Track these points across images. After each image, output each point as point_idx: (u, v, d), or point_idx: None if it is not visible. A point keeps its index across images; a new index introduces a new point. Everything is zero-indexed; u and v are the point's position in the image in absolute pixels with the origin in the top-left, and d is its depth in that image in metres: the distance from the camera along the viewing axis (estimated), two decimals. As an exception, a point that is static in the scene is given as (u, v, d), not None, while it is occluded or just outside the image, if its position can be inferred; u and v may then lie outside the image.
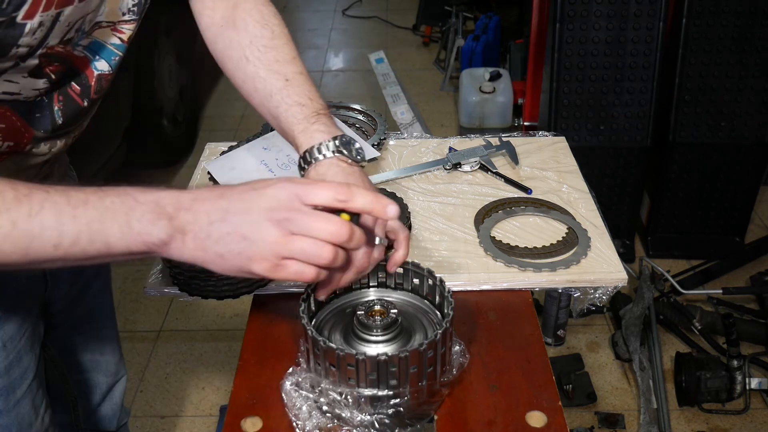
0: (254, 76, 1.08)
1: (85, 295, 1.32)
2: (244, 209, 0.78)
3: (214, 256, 0.78)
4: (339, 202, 0.79)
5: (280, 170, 1.38)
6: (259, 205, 0.78)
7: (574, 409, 2.19)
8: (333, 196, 0.78)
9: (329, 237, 0.77)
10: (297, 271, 0.78)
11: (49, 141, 0.99)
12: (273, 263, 0.78)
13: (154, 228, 0.77)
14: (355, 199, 0.79)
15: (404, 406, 0.88)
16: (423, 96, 4.13)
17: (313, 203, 0.78)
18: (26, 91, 0.90)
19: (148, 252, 0.79)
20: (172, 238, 0.77)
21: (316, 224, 0.77)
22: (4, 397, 1.07)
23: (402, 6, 5.45)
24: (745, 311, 2.47)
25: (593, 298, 1.16)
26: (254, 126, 3.56)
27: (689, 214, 2.78)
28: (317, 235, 0.77)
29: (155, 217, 0.77)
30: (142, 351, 2.47)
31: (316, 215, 0.78)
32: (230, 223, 0.77)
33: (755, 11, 2.41)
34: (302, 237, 0.77)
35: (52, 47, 0.87)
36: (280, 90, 1.05)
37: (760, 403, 2.20)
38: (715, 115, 2.57)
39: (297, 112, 1.04)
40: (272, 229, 0.77)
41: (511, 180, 1.38)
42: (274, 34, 1.09)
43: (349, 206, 0.79)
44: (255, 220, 0.77)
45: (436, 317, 0.99)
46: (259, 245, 0.77)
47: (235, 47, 1.09)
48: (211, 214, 0.78)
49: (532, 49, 3.09)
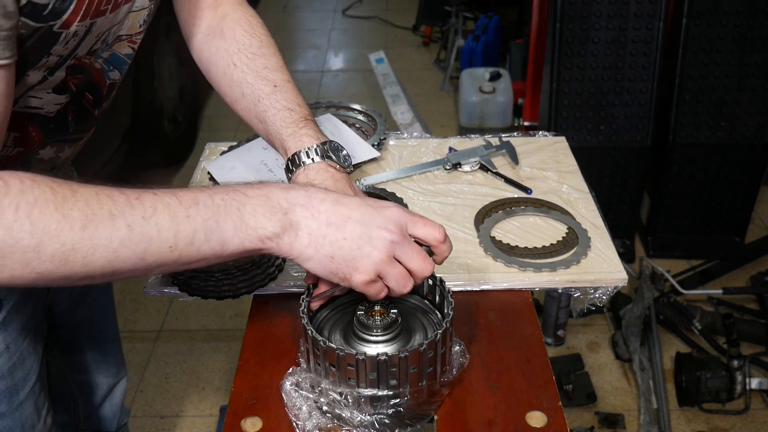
0: (242, 81, 1.09)
1: (87, 295, 1.32)
2: (363, 221, 0.82)
3: (324, 256, 0.81)
4: (437, 241, 0.85)
5: (280, 170, 1.38)
6: (377, 222, 0.82)
7: (574, 409, 2.19)
8: (434, 235, 0.85)
9: (419, 271, 0.85)
10: (380, 291, 0.85)
11: (55, 145, 0.99)
12: (371, 278, 0.83)
13: (269, 222, 0.79)
14: (446, 244, 0.87)
15: (404, 406, 0.88)
16: (423, 96, 4.13)
17: (416, 235, 0.85)
18: (48, 106, 0.91)
19: (261, 248, 0.81)
20: (285, 232, 0.80)
21: (416, 256, 0.84)
22: (8, 399, 1.07)
23: (402, 6, 5.45)
24: (745, 311, 2.47)
25: (593, 298, 1.16)
26: (254, 126, 3.49)
27: (689, 214, 2.78)
28: (411, 266, 0.84)
29: (268, 210, 0.79)
30: (142, 351, 2.47)
31: (419, 250, 0.85)
32: (348, 231, 0.81)
33: (755, 11, 2.41)
34: (398, 264, 0.83)
35: (80, 58, 0.88)
36: (268, 95, 1.08)
37: (761, 404, 2.20)
38: (715, 115, 2.57)
39: (286, 117, 1.06)
40: (384, 248, 0.82)
41: (511, 180, 1.38)
42: (263, 44, 1.12)
43: (439, 249, 0.87)
44: (372, 236, 0.81)
45: (436, 317, 0.99)
46: (367, 259, 0.81)
47: (222, 54, 1.11)
48: (331, 217, 0.81)
49: (532, 49, 3.09)
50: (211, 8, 1.14)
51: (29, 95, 0.88)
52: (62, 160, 1.04)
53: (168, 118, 3.33)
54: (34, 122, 0.92)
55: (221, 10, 1.14)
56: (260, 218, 0.78)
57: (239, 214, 0.78)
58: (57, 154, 1.00)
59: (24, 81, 0.84)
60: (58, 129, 0.96)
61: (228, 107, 1.17)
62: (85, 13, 0.82)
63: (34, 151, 0.96)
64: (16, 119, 0.89)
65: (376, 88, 3.59)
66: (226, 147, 1.50)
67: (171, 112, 3.38)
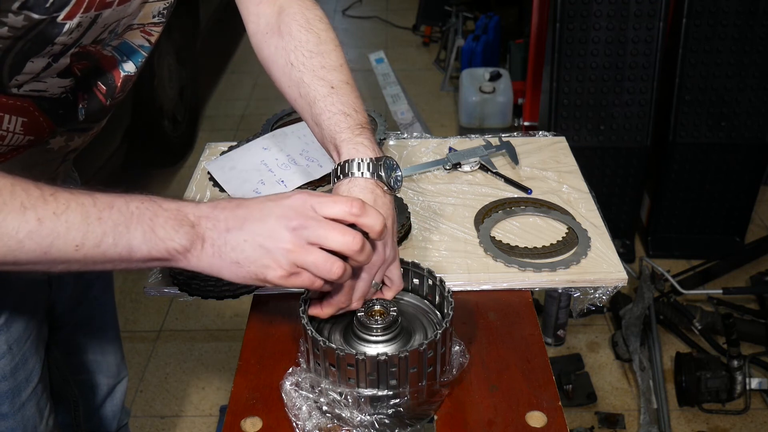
0: (299, 81, 1.05)
1: (88, 295, 1.32)
2: (261, 217, 0.79)
3: (230, 263, 0.80)
4: (352, 216, 0.80)
5: (280, 170, 1.38)
6: (275, 213, 0.79)
7: (574, 409, 2.19)
8: (347, 210, 0.80)
9: (342, 246, 0.79)
10: (308, 280, 0.80)
11: (65, 134, 0.99)
12: (287, 271, 0.79)
13: (177, 234, 0.78)
14: (367, 216, 0.81)
15: (404, 406, 0.88)
16: (423, 96, 4.13)
17: (327, 215, 0.80)
18: (52, 89, 0.91)
19: (169, 259, 0.80)
20: (193, 246, 0.79)
21: (330, 233, 0.79)
22: (10, 400, 1.07)
23: (402, 6, 5.45)
24: (745, 311, 2.47)
25: (593, 298, 1.16)
26: (254, 126, 3.55)
27: (689, 214, 2.78)
28: (331, 244, 0.79)
29: (178, 223, 0.78)
30: (142, 351, 2.47)
31: (331, 224, 0.79)
32: (247, 231, 0.79)
33: (755, 11, 2.41)
34: (316, 249, 0.79)
35: (85, 47, 0.88)
36: (324, 97, 1.02)
37: (761, 404, 2.20)
38: (715, 115, 2.57)
39: (341, 121, 1.00)
40: (288, 236, 0.78)
41: (511, 180, 1.38)
42: (320, 40, 1.07)
43: (361, 221, 0.81)
44: (272, 228, 0.79)
45: (436, 317, 0.99)
46: (274, 253, 0.79)
47: (281, 53, 1.07)
48: (229, 222, 0.79)
49: (532, 49, 3.09)
50: (267, 3, 1.10)
51: (34, 80, 0.88)
52: (71, 150, 1.03)
53: (168, 118, 3.33)
54: (42, 107, 0.92)
55: (278, 4, 1.10)
56: (170, 230, 0.78)
57: (151, 225, 0.78)
58: (67, 143, 1.00)
59: (29, 68, 0.84)
60: (68, 116, 0.96)
61: (228, 107, 1.16)
62: (89, 5, 0.82)
63: (45, 140, 0.96)
64: (22, 104, 0.89)
65: (376, 88, 3.59)
66: (226, 147, 1.50)
67: (171, 111, 3.37)
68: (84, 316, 1.33)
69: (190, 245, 0.79)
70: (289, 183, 1.36)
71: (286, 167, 1.38)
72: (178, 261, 0.80)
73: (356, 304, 0.94)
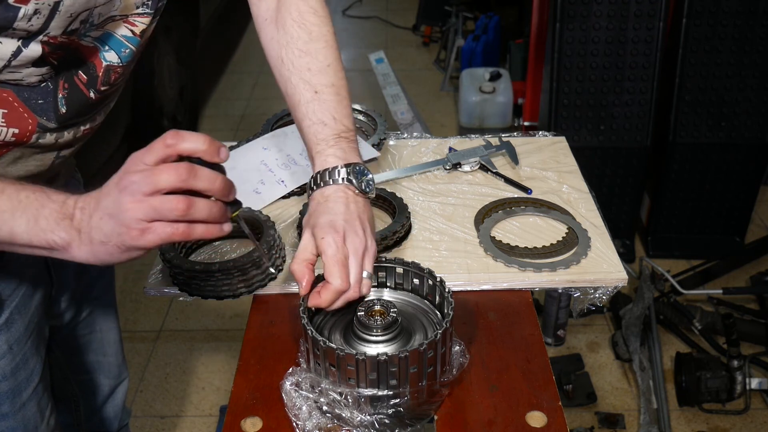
0: (287, 81, 1.08)
1: (89, 296, 1.32)
2: (107, 192, 0.81)
3: (99, 245, 0.81)
4: (169, 148, 0.79)
5: (280, 170, 1.38)
6: (114, 182, 0.80)
7: (574, 409, 2.19)
8: (162, 146, 0.79)
9: (174, 182, 0.78)
10: (165, 231, 0.79)
11: (55, 132, 0.98)
12: (140, 229, 0.79)
13: (57, 227, 0.80)
14: (185, 141, 0.79)
15: (404, 406, 0.88)
16: (423, 96, 4.13)
17: (150, 162, 0.79)
18: (29, 77, 0.91)
19: (51, 249, 0.82)
20: (72, 239, 0.81)
21: (156, 176, 0.78)
22: (11, 399, 1.07)
23: (402, 6, 5.45)
24: (745, 311, 2.47)
25: (593, 298, 1.16)
26: (254, 126, 3.54)
27: (689, 214, 2.78)
28: (163, 185, 0.78)
29: (60, 216, 0.81)
30: (142, 351, 2.47)
31: (156, 168, 0.78)
32: (101, 209, 0.80)
33: (755, 11, 2.41)
34: (154, 196, 0.78)
35: (55, 37, 0.87)
36: (307, 102, 1.06)
37: (761, 404, 2.20)
38: (715, 115, 2.57)
39: (318, 131, 1.05)
40: (125, 197, 0.79)
41: (511, 180, 1.38)
42: (311, 37, 1.09)
43: (179, 149, 0.79)
44: (113, 197, 0.80)
45: (436, 317, 0.99)
46: (121, 217, 0.79)
47: (274, 46, 1.10)
48: (91, 206, 0.81)
49: (532, 49, 3.09)
50: None
51: (8, 71, 0.87)
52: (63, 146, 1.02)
53: (168, 118, 3.33)
54: (21, 97, 0.92)
55: None
56: (52, 223, 0.80)
57: (35, 215, 0.80)
58: (57, 140, 0.99)
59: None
60: (48, 106, 0.95)
61: (228, 107, 1.16)
62: None
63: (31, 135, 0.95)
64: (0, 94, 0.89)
65: (376, 88, 3.59)
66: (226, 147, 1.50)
67: (171, 111, 3.38)
68: (85, 317, 1.33)
69: (70, 239, 0.81)
70: (289, 183, 1.36)
71: (286, 167, 1.38)
72: (61, 253, 0.82)
73: (354, 290, 0.94)
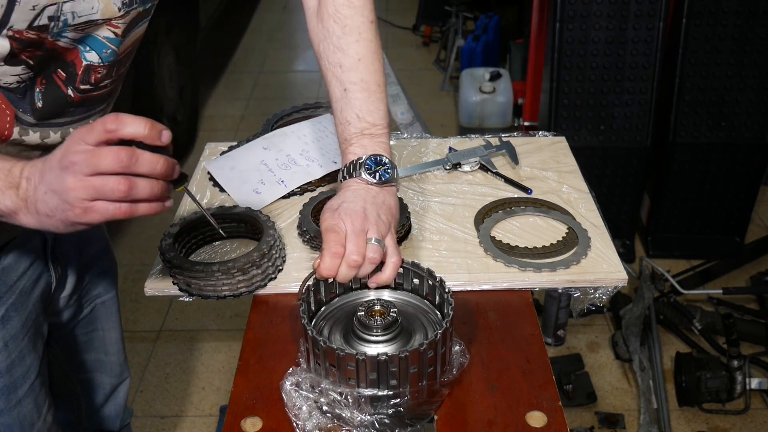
0: (324, 75, 1.14)
1: (90, 294, 1.32)
2: (51, 166, 0.81)
3: (45, 217, 0.83)
4: (110, 133, 0.79)
5: (280, 170, 1.38)
6: (57, 158, 0.81)
7: (574, 409, 2.19)
8: (102, 130, 0.79)
9: (114, 165, 0.78)
10: (107, 209, 0.80)
11: (39, 129, 0.97)
12: (83, 208, 0.80)
13: (3, 196, 0.82)
14: (126, 126, 0.80)
15: (404, 406, 0.88)
16: (423, 96, 4.13)
17: (91, 142, 0.79)
18: (5, 77, 0.91)
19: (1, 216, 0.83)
20: (18, 208, 0.83)
21: (98, 159, 0.78)
22: (6, 396, 1.07)
23: (402, 6, 5.45)
24: (745, 311, 2.47)
25: (593, 298, 1.16)
26: (254, 126, 3.54)
27: (689, 214, 2.78)
28: (104, 168, 0.78)
29: (6, 185, 0.82)
30: (142, 351, 2.47)
31: (97, 150, 0.79)
32: (45, 183, 0.81)
33: (755, 11, 2.41)
34: (95, 177, 0.79)
35: (21, 32, 0.86)
36: (337, 100, 1.12)
37: (761, 404, 2.20)
38: (715, 115, 2.57)
39: (344, 130, 1.11)
40: (67, 176, 0.79)
41: (511, 180, 1.38)
42: (344, 31, 1.12)
43: (120, 134, 0.80)
44: (56, 173, 0.80)
45: (436, 317, 0.99)
46: (64, 196, 0.80)
47: (315, 39, 1.15)
48: (35, 177, 0.82)
49: (532, 49, 3.09)
50: None
51: None
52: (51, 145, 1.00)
53: (168, 118, 3.32)
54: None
55: None
56: None
57: None
58: (43, 139, 0.98)
59: None
60: (24, 99, 0.94)
61: (228, 107, 1.17)
62: None
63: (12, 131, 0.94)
64: None
65: (376, 88, 3.59)
66: (226, 147, 1.50)
67: (171, 112, 3.37)
68: (86, 315, 1.33)
69: (15, 207, 0.82)
70: (289, 183, 1.36)
71: (286, 167, 1.38)
72: (9, 219, 0.84)
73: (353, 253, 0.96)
